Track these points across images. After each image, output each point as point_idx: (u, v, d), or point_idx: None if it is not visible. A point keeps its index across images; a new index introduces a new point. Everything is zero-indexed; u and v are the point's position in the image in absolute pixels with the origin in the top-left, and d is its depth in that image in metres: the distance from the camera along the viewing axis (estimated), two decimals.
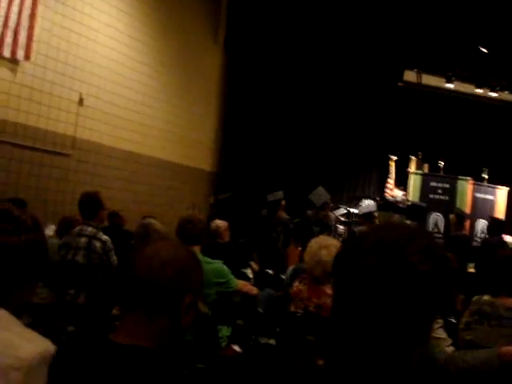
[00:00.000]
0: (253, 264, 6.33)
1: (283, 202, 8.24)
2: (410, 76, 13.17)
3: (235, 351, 3.88)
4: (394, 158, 11.71)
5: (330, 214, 8.30)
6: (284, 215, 8.12)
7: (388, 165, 11.82)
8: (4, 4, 7.06)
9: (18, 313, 1.47)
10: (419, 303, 1.03)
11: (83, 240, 4.40)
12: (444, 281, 1.05)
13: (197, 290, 1.42)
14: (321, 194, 7.99)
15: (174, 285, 1.36)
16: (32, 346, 1.37)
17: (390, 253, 1.03)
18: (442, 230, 9.58)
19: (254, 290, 4.41)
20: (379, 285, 1.02)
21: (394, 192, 10.94)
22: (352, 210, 10.67)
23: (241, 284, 4.38)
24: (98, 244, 4.38)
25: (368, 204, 9.26)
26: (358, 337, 1.06)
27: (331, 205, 8.68)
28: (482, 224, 9.83)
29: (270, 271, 5.67)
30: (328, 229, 7.72)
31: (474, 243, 9.16)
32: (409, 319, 1.03)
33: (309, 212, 8.03)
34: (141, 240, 4.42)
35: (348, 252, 1.10)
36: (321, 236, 3.87)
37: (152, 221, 4.89)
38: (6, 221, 1.45)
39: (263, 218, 7.94)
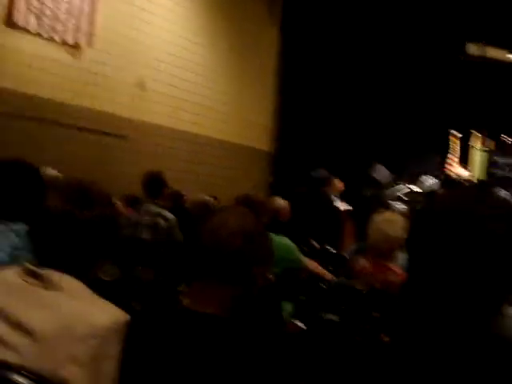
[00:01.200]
0: (313, 242, 6.31)
1: (339, 184, 8.20)
2: (472, 49, 12.73)
3: (298, 327, 3.88)
4: (458, 134, 11.38)
5: (387, 191, 8.19)
6: (329, 191, 8.07)
7: (448, 141, 11.50)
8: None
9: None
10: (499, 270, 1.00)
11: (148, 218, 4.51)
12: None
13: (266, 259, 1.42)
14: (383, 172, 7.84)
15: (244, 254, 1.37)
16: (107, 314, 1.41)
17: (468, 218, 1.01)
18: None
19: (328, 275, 4.35)
20: (459, 250, 1.00)
21: (457, 170, 10.65)
22: (413, 187, 10.46)
23: (312, 264, 4.35)
24: (162, 222, 4.48)
25: (431, 182, 9.06)
26: (432, 306, 1.04)
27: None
28: None
29: (332, 249, 5.64)
30: (386, 206, 7.60)
31: None
32: (487, 287, 1.01)
33: (367, 190, 7.94)
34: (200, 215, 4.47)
35: (424, 217, 1.08)
36: (385, 212, 3.82)
37: (206, 198, 4.95)
38: (79, 195, 1.49)
39: (302, 195, 7.89)
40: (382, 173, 7.82)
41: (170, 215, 4.53)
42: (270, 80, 11.95)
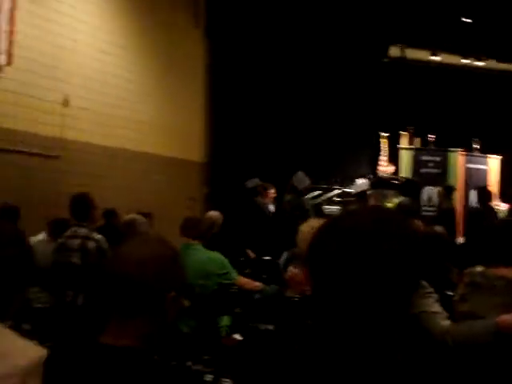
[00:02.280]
0: (249, 252, 6.36)
1: (271, 190, 8.42)
2: (394, 51, 13.13)
3: (235, 340, 3.91)
4: (385, 134, 11.72)
5: (304, 198, 8.51)
6: (261, 200, 8.32)
7: (379, 142, 11.83)
8: None
9: (17, 321, 1.49)
10: (389, 283, 1.05)
11: (77, 242, 4.44)
12: (413, 259, 1.06)
13: (179, 286, 1.43)
14: (302, 178, 8.07)
15: (155, 282, 1.36)
16: (26, 353, 1.39)
17: (359, 236, 1.05)
18: (436, 203, 9.60)
19: (259, 286, 4.40)
20: (349, 268, 1.04)
21: (386, 169, 10.97)
22: (346, 189, 10.71)
23: (244, 280, 4.41)
24: (91, 244, 4.41)
25: (361, 183, 9.30)
26: (338, 320, 1.08)
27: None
28: (475, 194, 9.83)
29: (267, 257, 5.69)
30: (305, 212, 7.79)
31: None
32: (383, 299, 1.05)
33: (287, 197, 8.18)
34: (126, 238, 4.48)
35: (321, 237, 1.11)
36: (311, 219, 3.89)
37: (136, 216, 4.94)
38: None
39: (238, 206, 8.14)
40: (300, 179, 8.02)
41: (99, 236, 4.47)
42: (199, 89, 11.92)
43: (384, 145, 11.68)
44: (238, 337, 3.93)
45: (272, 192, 8.67)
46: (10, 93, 7.51)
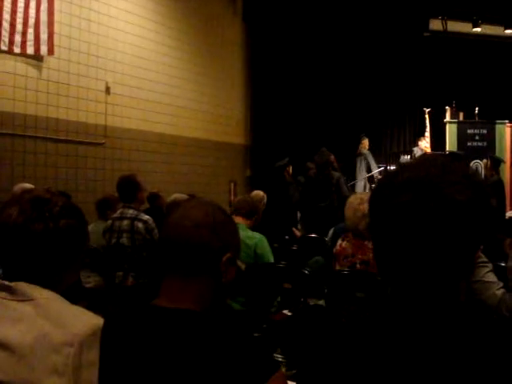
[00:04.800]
0: (295, 230, 6.34)
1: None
2: (435, 24, 12.81)
3: (285, 315, 3.90)
4: (428, 109, 11.49)
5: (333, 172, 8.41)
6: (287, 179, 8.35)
7: (423, 118, 11.62)
8: (21, 3, 7.12)
9: (73, 299, 1.49)
10: (461, 234, 0.99)
11: (125, 222, 4.48)
12: (483, 209, 1.01)
13: (234, 247, 1.41)
14: (323, 153, 7.93)
15: (210, 244, 1.35)
16: (83, 321, 1.40)
17: (425, 186, 1.00)
18: (482, 176, 9.38)
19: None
20: (417, 220, 0.99)
21: (420, 143, 10.81)
22: (391, 166, 10.57)
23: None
24: (140, 225, 4.45)
25: (405, 159, 9.14)
26: (401, 277, 1.04)
27: (334, 164, 8.72)
28: None
29: (314, 235, 5.66)
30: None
31: None
32: (452, 251, 1.00)
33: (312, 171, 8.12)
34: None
35: (382, 190, 1.06)
36: (360, 192, 3.84)
37: (180, 195, 4.96)
38: (32, 208, 1.47)
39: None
40: (320, 154, 7.88)
41: (146, 217, 4.51)
42: (238, 71, 11.92)
43: (426, 120, 11.46)
44: (287, 313, 3.92)
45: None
46: (53, 83, 7.64)
